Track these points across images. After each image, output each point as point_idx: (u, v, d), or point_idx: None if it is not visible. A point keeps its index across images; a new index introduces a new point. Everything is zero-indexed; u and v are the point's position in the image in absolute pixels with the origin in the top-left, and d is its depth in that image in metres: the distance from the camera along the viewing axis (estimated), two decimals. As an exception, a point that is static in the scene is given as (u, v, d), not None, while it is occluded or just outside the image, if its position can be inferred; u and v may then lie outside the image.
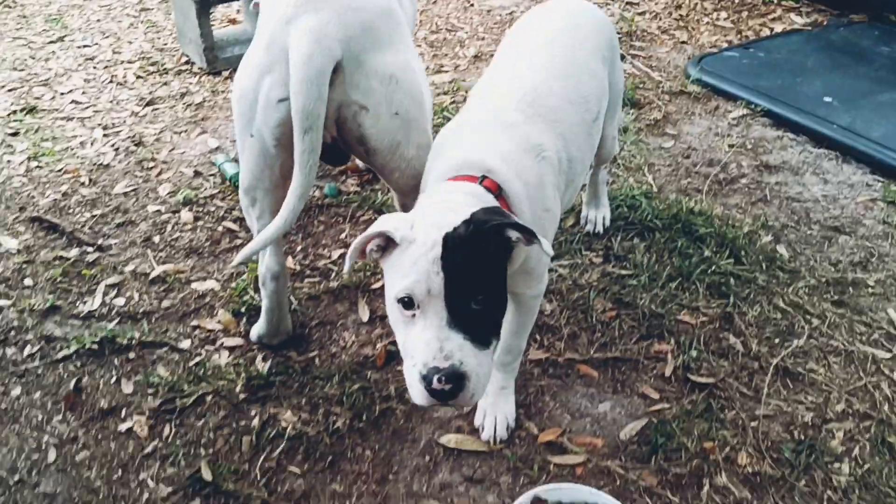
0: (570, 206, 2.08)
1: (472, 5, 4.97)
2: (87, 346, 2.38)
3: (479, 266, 1.49)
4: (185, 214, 3.00)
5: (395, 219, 1.56)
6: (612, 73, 2.32)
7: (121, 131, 3.59)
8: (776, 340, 2.39)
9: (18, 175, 3.26)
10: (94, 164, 3.35)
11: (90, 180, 3.23)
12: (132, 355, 2.37)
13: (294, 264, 2.71)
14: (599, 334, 2.42)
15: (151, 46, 4.47)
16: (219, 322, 2.49)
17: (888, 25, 4.51)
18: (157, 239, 2.88)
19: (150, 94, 3.93)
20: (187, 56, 4.28)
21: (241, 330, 2.46)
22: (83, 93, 3.95)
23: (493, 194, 1.66)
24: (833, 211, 2.98)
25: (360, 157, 2.09)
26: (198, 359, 2.35)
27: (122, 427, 2.15)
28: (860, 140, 3.33)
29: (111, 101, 3.87)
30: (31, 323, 2.50)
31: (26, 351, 2.40)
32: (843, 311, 2.49)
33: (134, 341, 2.41)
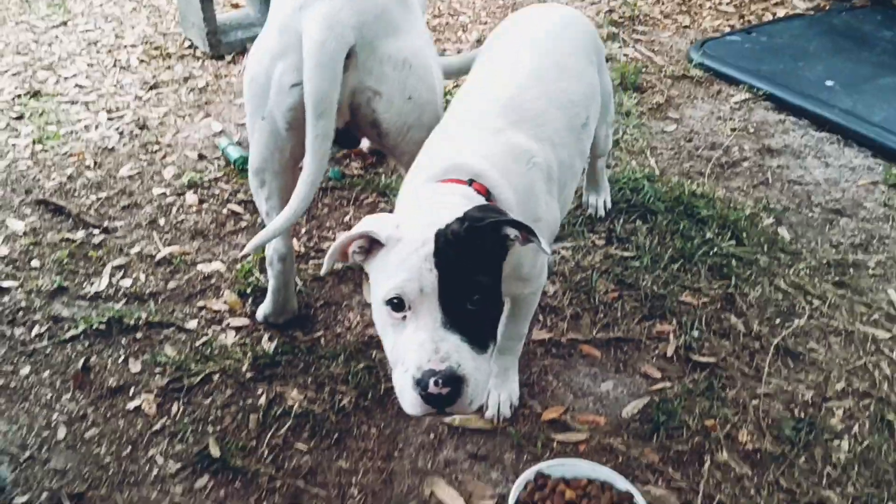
0: (565, 213, 2.00)
1: (474, -10, 4.97)
2: (94, 327, 2.41)
3: (474, 263, 1.39)
4: (190, 197, 3.02)
5: (379, 219, 1.48)
6: (600, 76, 2.29)
7: (125, 115, 3.60)
8: (777, 321, 2.41)
9: (24, 158, 3.28)
10: (99, 147, 3.36)
11: (95, 163, 3.25)
12: (139, 335, 2.40)
13: (299, 246, 2.72)
14: (602, 315, 2.44)
15: (154, 31, 4.47)
16: (225, 303, 2.51)
17: (890, 10, 4.51)
18: (162, 221, 2.90)
19: (153, 78, 3.94)
20: (190, 40, 4.28)
21: (247, 310, 2.48)
22: (87, 77, 3.96)
23: (483, 198, 1.59)
24: (834, 194, 3.00)
25: (373, 140, 2.11)
26: (204, 338, 2.38)
27: (131, 405, 2.17)
28: (861, 124, 3.34)
29: (115, 85, 3.87)
30: (39, 303, 2.52)
31: (34, 331, 2.42)
32: (844, 292, 2.51)
33: (141, 321, 2.43)
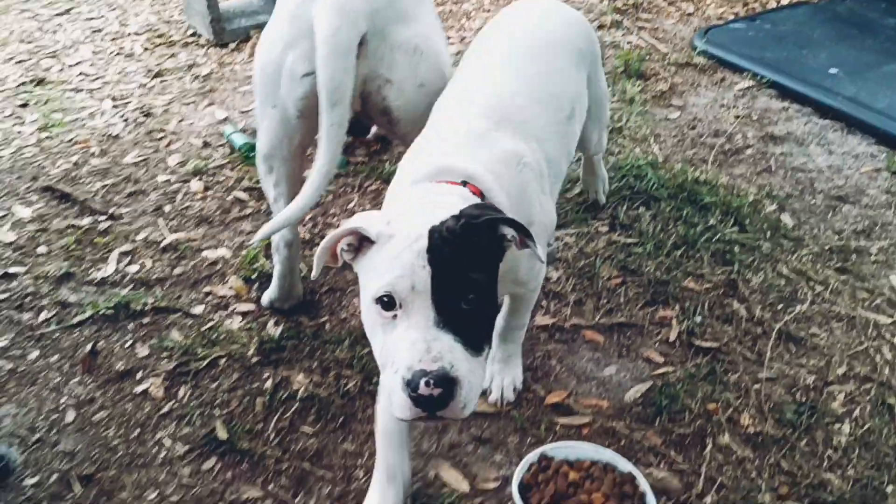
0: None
1: (477, -22, 4.96)
2: (101, 312, 2.43)
3: (469, 261, 1.34)
4: (195, 184, 3.03)
5: (369, 216, 1.43)
6: (592, 76, 2.22)
7: (129, 102, 3.61)
8: (779, 306, 2.42)
9: (30, 145, 3.30)
10: (104, 134, 3.37)
11: (100, 151, 3.26)
12: (146, 320, 2.42)
13: (304, 233, 2.74)
14: (605, 301, 2.46)
15: (158, 18, 4.48)
16: (231, 288, 2.53)
17: (895, -3, 4.49)
18: (167, 208, 2.92)
19: (157, 65, 3.95)
20: (194, 28, 4.29)
21: (253, 296, 2.50)
22: (91, 65, 3.97)
23: (479, 199, 1.54)
24: (837, 181, 3.01)
25: (383, 128, 2.12)
26: (211, 323, 2.40)
27: (138, 389, 2.20)
28: (865, 111, 3.34)
29: (119, 73, 3.89)
30: (47, 289, 2.54)
31: (42, 316, 2.44)
32: (846, 278, 2.53)
33: (147, 307, 2.45)
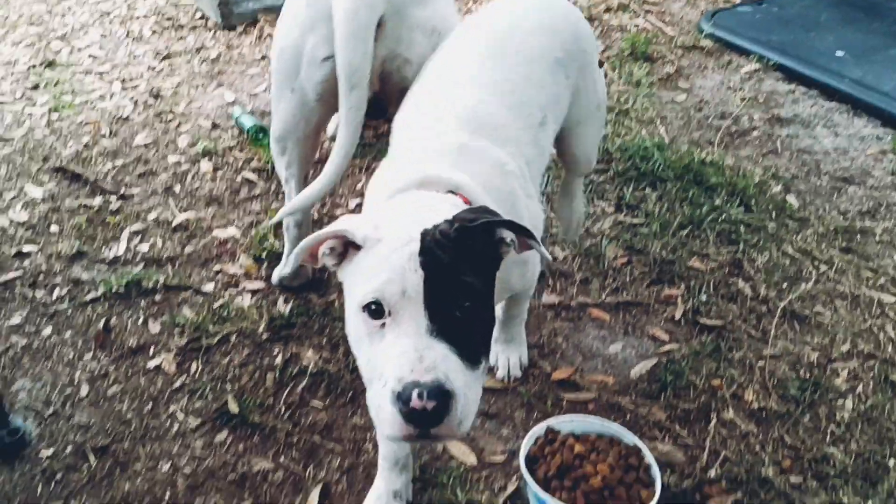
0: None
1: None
2: (114, 290, 2.46)
3: (465, 266, 1.23)
4: (205, 165, 3.06)
5: (355, 219, 1.35)
6: (580, 84, 2.03)
7: (139, 85, 3.64)
8: (784, 285, 2.44)
9: (40, 127, 3.32)
10: (114, 116, 3.40)
11: (111, 132, 3.29)
12: (158, 298, 2.45)
13: (313, 213, 2.76)
14: (611, 280, 2.48)
15: (166, 2, 4.49)
16: (241, 267, 2.56)
17: (903, -19, 4.48)
18: (177, 188, 2.94)
19: (166, 48, 3.97)
20: (202, 11, 4.31)
21: (263, 274, 2.53)
22: (100, 47, 3.99)
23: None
24: (843, 162, 3.02)
25: None
26: (221, 301, 2.43)
27: (151, 364, 2.23)
28: (871, 93, 3.35)
29: (128, 56, 3.91)
30: (59, 267, 2.57)
31: (55, 293, 2.48)
32: (851, 258, 2.54)
33: (159, 285, 2.48)
